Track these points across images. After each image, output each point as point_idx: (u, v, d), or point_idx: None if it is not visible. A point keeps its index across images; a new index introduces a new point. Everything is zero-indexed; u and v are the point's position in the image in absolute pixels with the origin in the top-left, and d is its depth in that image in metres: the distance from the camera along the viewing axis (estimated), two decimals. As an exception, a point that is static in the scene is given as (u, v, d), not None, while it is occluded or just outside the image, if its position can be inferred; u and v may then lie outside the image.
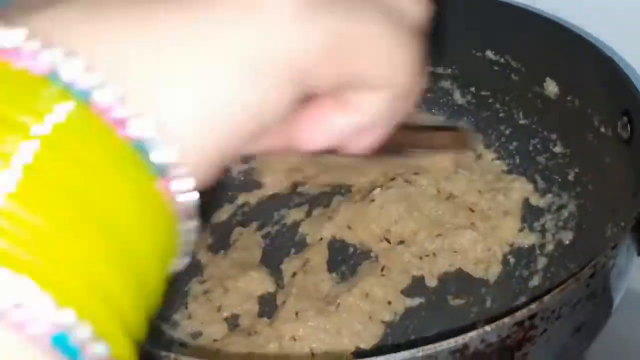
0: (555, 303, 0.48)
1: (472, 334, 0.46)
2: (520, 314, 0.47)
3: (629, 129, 0.63)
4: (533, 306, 0.47)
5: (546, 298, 0.48)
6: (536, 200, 0.73)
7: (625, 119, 0.63)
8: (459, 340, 0.46)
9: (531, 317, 0.47)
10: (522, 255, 0.71)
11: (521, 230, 0.72)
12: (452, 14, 0.76)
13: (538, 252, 0.71)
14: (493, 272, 0.70)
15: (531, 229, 0.72)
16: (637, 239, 0.55)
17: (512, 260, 0.71)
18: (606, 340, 0.58)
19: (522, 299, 0.67)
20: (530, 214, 0.73)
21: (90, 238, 0.24)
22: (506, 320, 0.47)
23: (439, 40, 0.77)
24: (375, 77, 0.31)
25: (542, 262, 0.70)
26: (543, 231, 0.72)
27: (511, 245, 0.72)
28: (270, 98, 0.28)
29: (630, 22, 0.74)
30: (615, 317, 0.58)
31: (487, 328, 0.46)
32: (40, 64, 0.24)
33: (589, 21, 0.72)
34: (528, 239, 0.72)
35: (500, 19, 0.75)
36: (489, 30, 0.76)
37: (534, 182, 0.75)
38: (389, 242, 0.71)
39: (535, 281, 0.69)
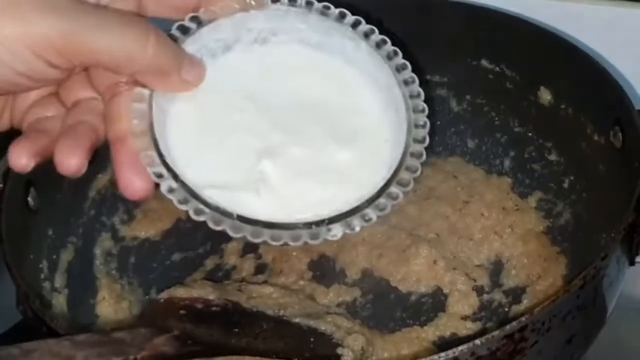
0: (545, 315, 0.49)
1: (463, 347, 0.46)
2: (510, 327, 0.47)
3: (620, 137, 0.63)
4: (523, 318, 0.48)
5: (536, 310, 0.48)
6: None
7: (617, 127, 0.63)
8: (450, 354, 0.46)
9: (521, 329, 0.48)
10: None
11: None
12: (447, 23, 0.77)
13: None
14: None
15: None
16: (628, 250, 0.56)
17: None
18: (601, 347, 0.58)
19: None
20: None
21: None
22: (496, 333, 0.47)
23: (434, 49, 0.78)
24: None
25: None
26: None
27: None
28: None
29: (622, 33, 0.74)
30: (611, 323, 0.58)
31: (477, 341, 0.46)
32: None
33: (582, 31, 0.73)
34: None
35: (495, 29, 0.75)
36: (484, 39, 0.76)
37: (530, 189, 0.75)
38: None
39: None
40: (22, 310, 0.57)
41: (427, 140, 0.50)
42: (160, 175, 0.46)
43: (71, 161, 0.45)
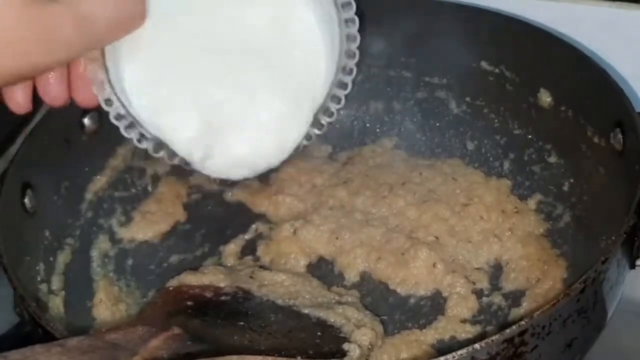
0: (545, 319, 0.49)
1: (462, 351, 0.46)
2: (510, 331, 0.47)
3: (621, 140, 0.63)
4: (523, 322, 0.48)
5: (536, 314, 0.48)
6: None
7: (617, 130, 0.63)
8: (449, 357, 0.46)
9: (521, 333, 0.48)
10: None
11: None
12: (447, 24, 0.76)
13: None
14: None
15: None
16: (628, 253, 0.55)
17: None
18: (601, 351, 0.58)
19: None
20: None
21: None
22: (496, 337, 0.47)
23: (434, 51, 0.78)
24: None
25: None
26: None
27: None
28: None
29: (622, 34, 0.74)
30: (611, 327, 0.58)
31: (477, 346, 0.46)
32: None
33: (582, 32, 0.73)
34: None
35: (495, 30, 0.75)
36: (484, 40, 0.76)
37: (530, 191, 0.75)
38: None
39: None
40: (19, 312, 0.57)
41: (350, 87, 0.54)
42: (109, 101, 0.51)
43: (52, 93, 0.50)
